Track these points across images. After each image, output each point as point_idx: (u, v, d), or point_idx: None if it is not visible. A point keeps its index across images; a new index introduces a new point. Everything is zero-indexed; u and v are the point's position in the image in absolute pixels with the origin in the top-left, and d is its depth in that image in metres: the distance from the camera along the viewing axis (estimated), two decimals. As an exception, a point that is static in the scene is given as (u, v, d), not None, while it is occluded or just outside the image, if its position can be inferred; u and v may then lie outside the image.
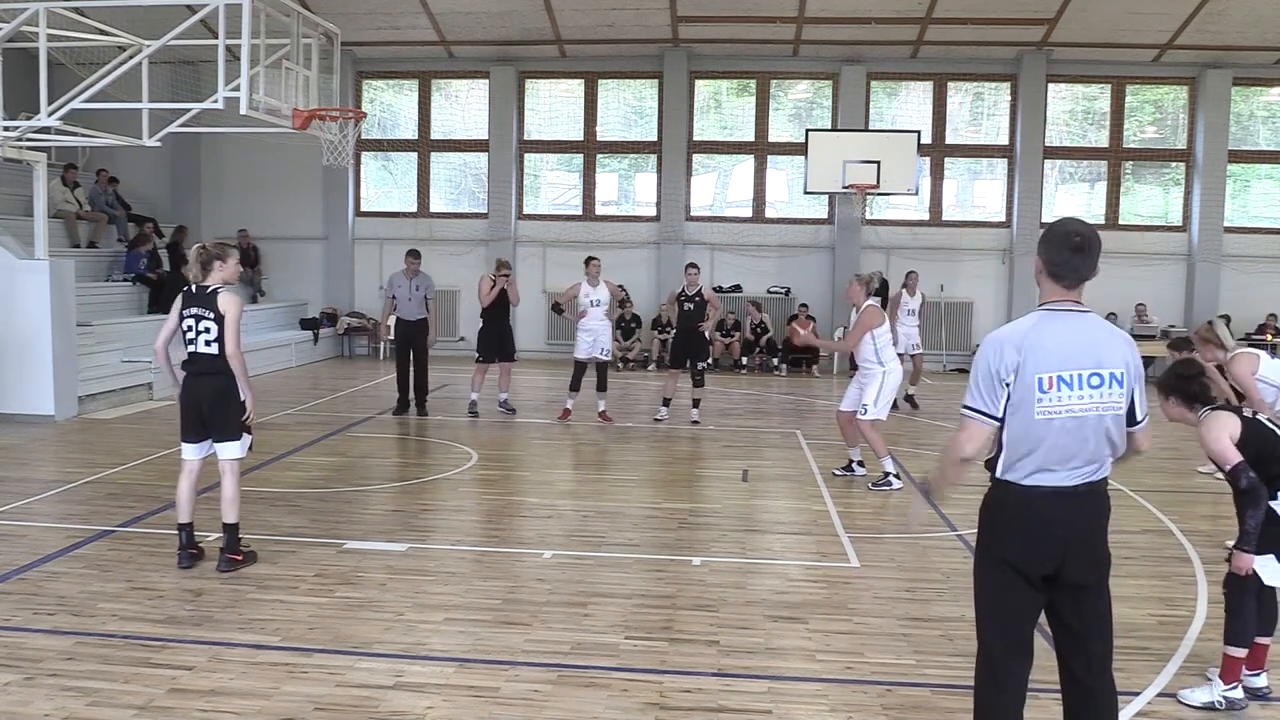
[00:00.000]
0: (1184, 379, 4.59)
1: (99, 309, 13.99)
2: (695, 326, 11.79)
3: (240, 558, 6.24)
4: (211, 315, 6.12)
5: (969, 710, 3.60)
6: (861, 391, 8.93)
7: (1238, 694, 4.48)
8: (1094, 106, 18.81)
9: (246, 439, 6.32)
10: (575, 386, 12.00)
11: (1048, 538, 3.31)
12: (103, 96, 10.55)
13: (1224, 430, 4.37)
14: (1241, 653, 4.47)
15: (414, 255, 12.30)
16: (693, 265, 12.27)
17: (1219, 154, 18.02)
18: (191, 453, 6.30)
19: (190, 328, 6.17)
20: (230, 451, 6.24)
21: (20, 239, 12.04)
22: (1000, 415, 3.33)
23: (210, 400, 6.17)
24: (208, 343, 6.12)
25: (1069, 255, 3.34)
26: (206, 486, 6.63)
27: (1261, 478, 4.31)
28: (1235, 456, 4.32)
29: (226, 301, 6.15)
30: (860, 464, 9.28)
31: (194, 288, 6.23)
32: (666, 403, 12.15)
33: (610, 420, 11.82)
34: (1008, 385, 3.30)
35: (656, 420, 11.95)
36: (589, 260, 12.20)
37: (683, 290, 11.91)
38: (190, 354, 6.21)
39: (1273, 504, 4.45)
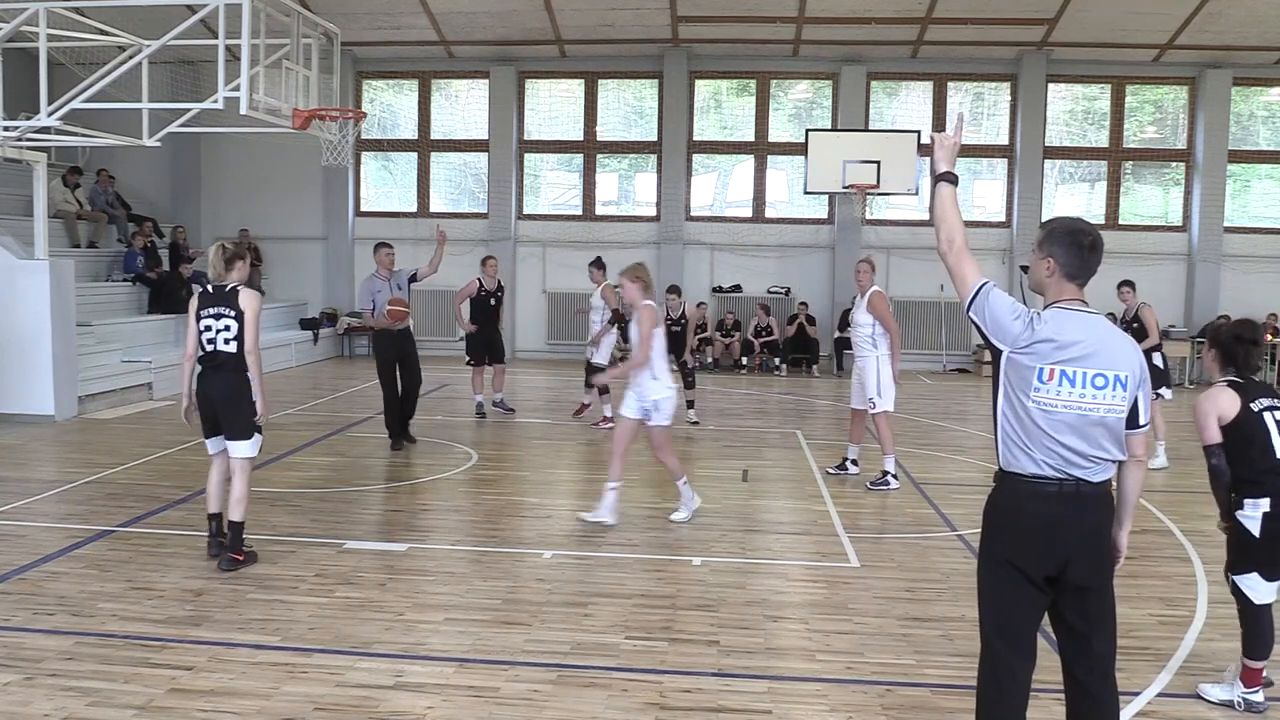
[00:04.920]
0: (1235, 339, 4.57)
1: (99, 309, 14.00)
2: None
3: (242, 557, 6.25)
4: (232, 313, 6.15)
5: (969, 710, 3.60)
6: (864, 384, 8.93)
7: (1258, 698, 4.49)
8: (1094, 106, 18.81)
9: (257, 439, 6.34)
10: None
11: (1050, 538, 3.29)
12: (103, 96, 10.55)
13: (1215, 406, 4.45)
14: (1260, 664, 4.50)
15: (386, 247, 10.32)
16: (674, 289, 12.37)
17: (1219, 154, 18.02)
18: (215, 445, 6.38)
19: (209, 326, 6.18)
20: (241, 450, 6.27)
21: (20, 239, 12.05)
22: (981, 306, 3.34)
23: (223, 398, 6.20)
24: (227, 340, 6.16)
25: (1087, 256, 3.35)
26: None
27: (1244, 472, 4.41)
28: (1212, 436, 4.43)
29: (248, 299, 6.18)
30: (854, 463, 9.28)
31: (211, 287, 6.27)
32: None
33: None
34: (1010, 343, 3.30)
35: None
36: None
37: (668, 314, 11.98)
38: (209, 352, 6.21)
39: (1243, 516, 4.46)
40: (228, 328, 6.15)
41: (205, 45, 11.39)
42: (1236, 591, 4.54)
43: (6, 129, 10.89)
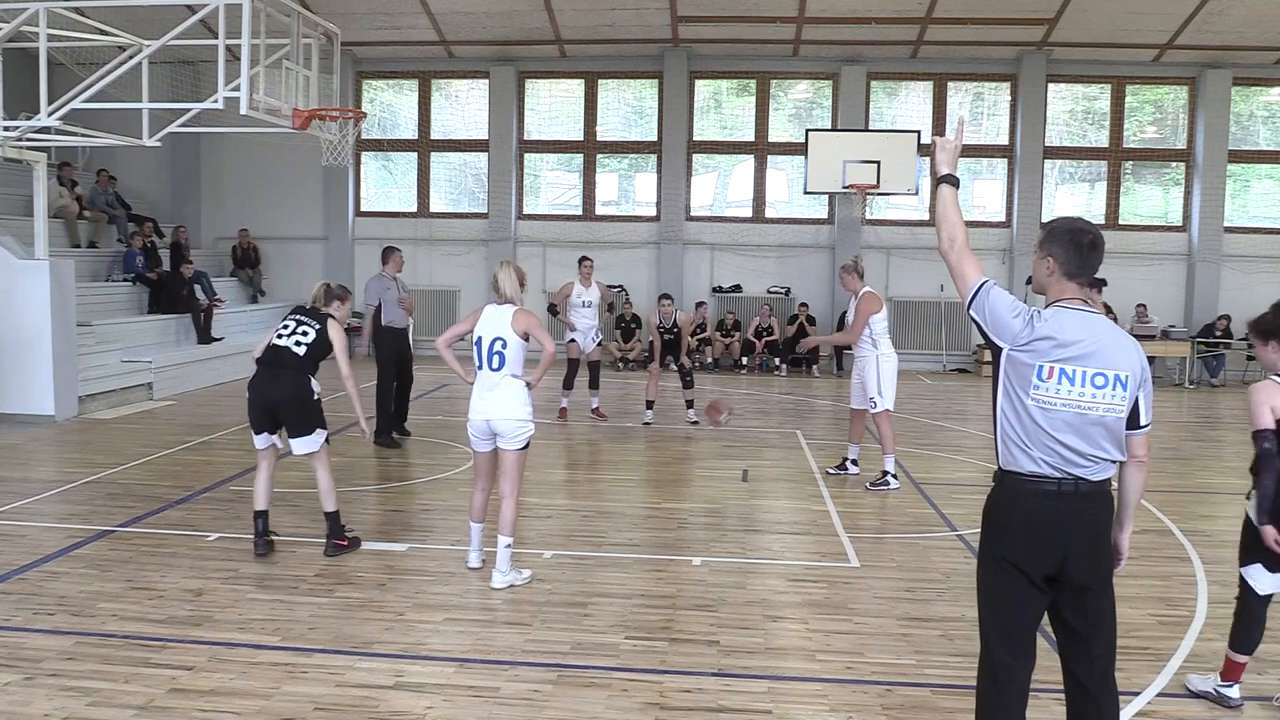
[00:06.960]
0: None
1: (99, 309, 13.99)
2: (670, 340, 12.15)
3: (345, 543, 6.55)
4: (317, 326, 6.58)
5: (969, 710, 3.60)
6: (864, 384, 8.93)
7: (1233, 692, 4.48)
8: (1094, 106, 18.81)
9: (319, 434, 6.57)
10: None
11: (1049, 538, 3.29)
12: (103, 96, 10.55)
13: (1269, 398, 4.32)
14: (1243, 659, 4.48)
15: (398, 250, 10.66)
16: (666, 296, 12.38)
17: (1219, 154, 18.03)
18: (262, 442, 6.60)
19: (289, 328, 6.58)
20: (304, 446, 6.51)
21: (20, 239, 12.05)
22: (982, 304, 3.37)
23: (284, 400, 6.45)
24: (299, 343, 6.53)
25: (1086, 254, 3.36)
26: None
27: None
28: (1264, 422, 4.29)
29: (336, 330, 6.66)
30: (855, 463, 9.28)
31: (309, 306, 6.77)
32: (650, 405, 12.11)
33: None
34: (1010, 340, 3.31)
35: (645, 424, 11.88)
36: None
37: (660, 322, 12.13)
38: (274, 347, 6.52)
39: (1249, 507, 4.45)
40: (305, 334, 6.55)
41: (205, 45, 11.41)
42: (1242, 583, 4.54)
43: (6, 129, 10.89)
